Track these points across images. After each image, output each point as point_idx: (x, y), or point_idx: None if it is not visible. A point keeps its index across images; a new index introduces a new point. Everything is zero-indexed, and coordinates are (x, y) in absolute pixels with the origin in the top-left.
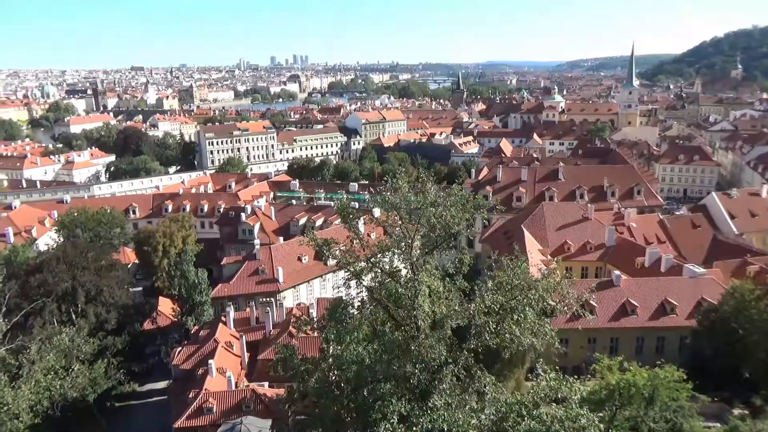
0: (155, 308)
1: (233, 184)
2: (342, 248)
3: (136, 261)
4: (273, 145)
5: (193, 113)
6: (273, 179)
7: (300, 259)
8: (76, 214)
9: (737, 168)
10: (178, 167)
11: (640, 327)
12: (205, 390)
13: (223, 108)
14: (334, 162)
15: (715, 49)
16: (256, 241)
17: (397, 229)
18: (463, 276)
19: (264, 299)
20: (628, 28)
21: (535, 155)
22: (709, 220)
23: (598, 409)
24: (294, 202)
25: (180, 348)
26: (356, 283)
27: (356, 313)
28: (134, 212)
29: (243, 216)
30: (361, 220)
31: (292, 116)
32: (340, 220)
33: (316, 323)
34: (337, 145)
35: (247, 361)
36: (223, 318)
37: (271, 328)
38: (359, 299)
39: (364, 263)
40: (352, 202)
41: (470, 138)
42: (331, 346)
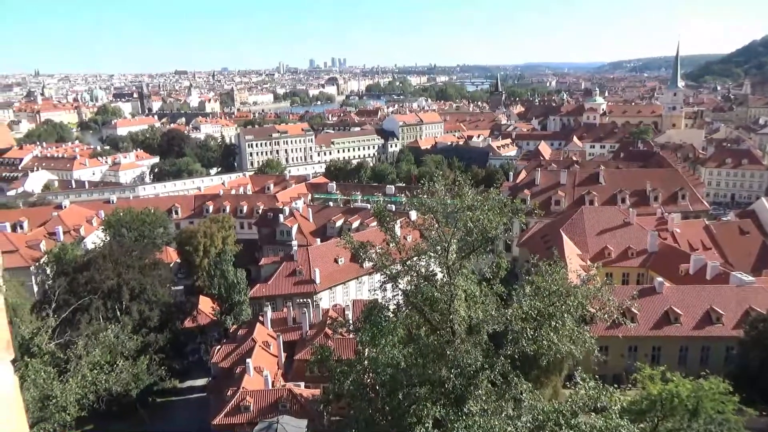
0: (196, 307)
1: (272, 186)
2: (378, 251)
3: (178, 260)
4: (311, 147)
5: (233, 116)
6: (311, 181)
7: (336, 261)
8: (121, 214)
9: None
10: (219, 169)
11: (683, 336)
12: (243, 388)
13: (263, 111)
14: (371, 164)
15: (766, 49)
16: (294, 243)
17: (434, 232)
18: (500, 280)
19: (301, 300)
20: (672, 28)
21: (574, 158)
22: (758, 227)
23: (639, 420)
24: (331, 204)
25: (219, 346)
26: (392, 286)
27: (392, 316)
28: (176, 212)
29: (281, 217)
30: (398, 223)
31: (330, 119)
32: (376, 223)
33: (352, 325)
34: (374, 147)
35: (283, 360)
36: (261, 318)
37: (308, 328)
38: (395, 302)
39: (400, 266)
40: (389, 205)
41: (508, 140)
42: (367, 349)
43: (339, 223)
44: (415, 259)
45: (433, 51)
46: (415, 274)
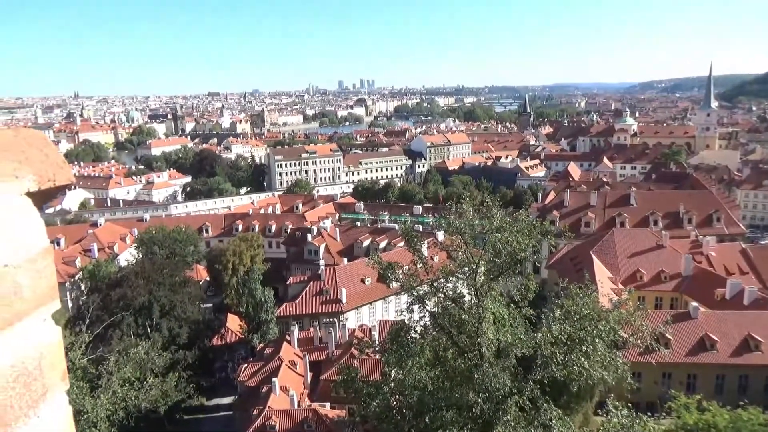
0: (224, 324)
1: (300, 205)
2: (406, 272)
3: (208, 278)
4: (339, 168)
5: (264, 136)
6: (338, 201)
7: (363, 281)
8: (154, 232)
9: None
10: (249, 188)
11: (720, 363)
12: (269, 408)
13: (292, 131)
14: (399, 184)
15: None
16: (321, 262)
17: (461, 253)
18: (529, 303)
19: (327, 319)
20: (705, 47)
21: (605, 179)
22: None
23: None
24: (358, 224)
25: (246, 365)
26: (419, 307)
27: (418, 337)
28: (207, 231)
29: (309, 237)
30: (425, 244)
31: (359, 139)
32: (404, 243)
33: (378, 346)
34: (401, 167)
35: (309, 380)
36: (288, 337)
37: (334, 348)
38: (422, 324)
39: (428, 288)
40: (416, 225)
41: (537, 161)
42: (393, 371)
43: (366, 243)
44: (442, 280)
45: (461, 72)
46: (443, 295)
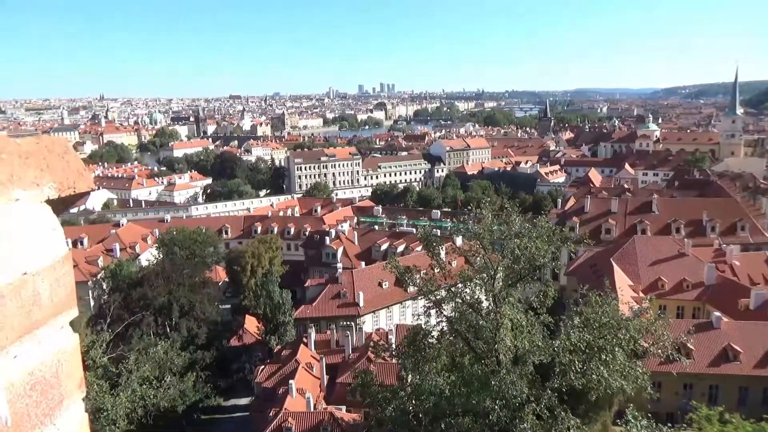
0: (242, 326)
1: (319, 208)
2: (423, 276)
3: (227, 279)
4: (358, 171)
5: (284, 139)
6: (357, 204)
7: (381, 285)
8: (174, 233)
9: None
10: (268, 190)
11: (743, 375)
12: (285, 409)
13: (312, 134)
14: (417, 189)
15: None
16: (339, 265)
17: (479, 258)
18: (547, 310)
19: (344, 323)
20: (730, 52)
21: (626, 186)
22: None
23: None
24: (376, 227)
25: (263, 366)
26: (436, 312)
27: (435, 342)
28: (226, 232)
29: (327, 240)
30: (443, 248)
31: (378, 143)
32: (422, 247)
33: (395, 350)
34: (420, 172)
35: (326, 383)
36: (305, 339)
37: (351, 352)
38: (439, 329)
39: (445, 293)
40: (435, 230)
41: (557, 167)
42: (410, 375)
43: (384, 246)
44: (460, 285)
45: (481, 76)
46: (460, 301)
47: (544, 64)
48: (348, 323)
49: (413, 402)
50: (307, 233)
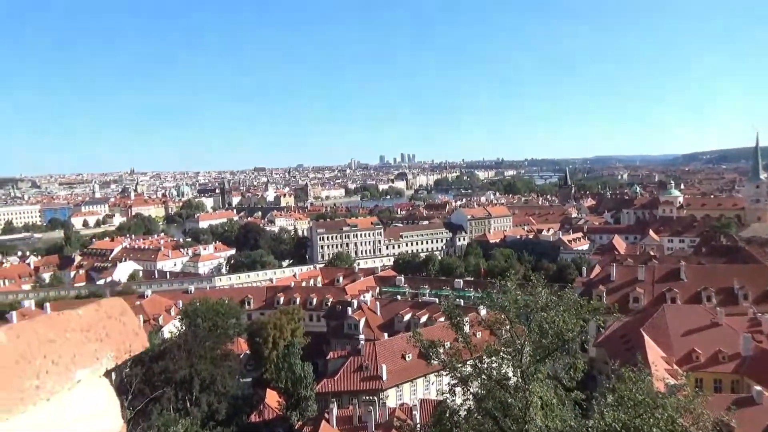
0: (262, 400)
1: (341, 278)
2: (448, 350)
3: (248, 351)
4: (380, 240)
5: (307, 209)
6: (379, 274)
7: (404, 357)
8: (198, 304)
9: None
10: (291, 261)
11: None
12: None
13: (335, 204)
14: (439, 257)
15: None
16: (361, 336)
17: (504, 331)
18: (577, 383)
19: (367, 397)
20: (751, 118)
21: (652, 252)
22: None
23: None
24: (399, 297)
25: None
26: (462, 389)
27: (462, 421)
28: (249, 303)
29: (349, 310)
30: (467, 320)
31: (399, 212)
32: (444, 318)
33: (420, 429)
34: (442, 240)
35: None
36: (326, 415)
37: (374, 428)
38: (465, 407)
39: (471, 369)
40: (458, 299)
41: (579, 234)
42: None
43: (407, 317)
44: (486, 360)
45: (500, 145)
46: (486, 376)
47: (563, 132)
48: (371, 398)
49: None
50: (329, 303)
